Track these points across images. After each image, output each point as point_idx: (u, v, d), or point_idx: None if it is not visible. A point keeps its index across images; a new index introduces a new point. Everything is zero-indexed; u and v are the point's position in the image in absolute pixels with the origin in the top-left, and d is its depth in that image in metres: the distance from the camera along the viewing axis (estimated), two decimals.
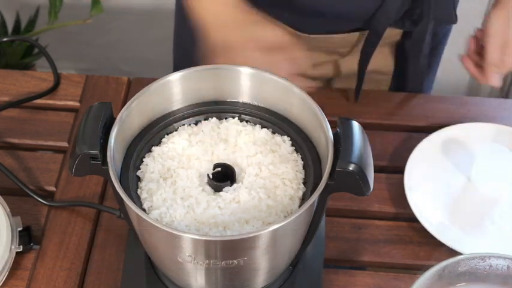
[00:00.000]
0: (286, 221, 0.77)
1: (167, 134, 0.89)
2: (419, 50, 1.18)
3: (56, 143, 1.13)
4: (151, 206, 0.82)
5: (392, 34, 1.17)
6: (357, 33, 1.15)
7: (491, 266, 0.82)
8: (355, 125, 0.82)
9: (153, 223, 0.76)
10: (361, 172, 0.79)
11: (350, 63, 1.19)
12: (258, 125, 0.89)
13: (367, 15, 1.11)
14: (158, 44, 1.87)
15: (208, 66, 0.88)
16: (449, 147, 1.10)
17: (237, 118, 0.90)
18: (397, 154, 1.11)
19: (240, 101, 0.90)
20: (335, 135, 0.82)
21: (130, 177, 0.83)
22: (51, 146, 1.13)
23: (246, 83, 0.89)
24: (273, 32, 1.03)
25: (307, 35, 1.14)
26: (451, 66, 2.00)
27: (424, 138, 1.10)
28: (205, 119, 0.90)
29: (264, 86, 0.88)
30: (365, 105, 1.17)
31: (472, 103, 1.18)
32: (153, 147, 0.87)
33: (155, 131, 0.88)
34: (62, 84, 1.19)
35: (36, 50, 1.90)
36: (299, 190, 0.84)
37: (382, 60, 1.21)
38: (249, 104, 0.90)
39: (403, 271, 1.00)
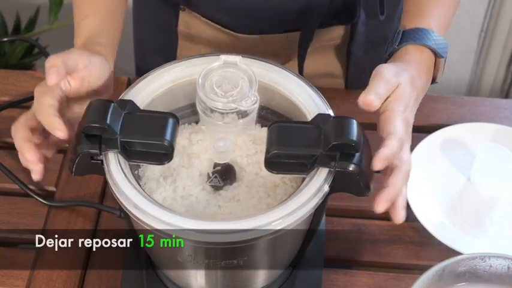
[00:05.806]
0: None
1: None
2: (361, 46, 1.15)
3: None
4: None
5: (334, 36, 1.15)
6: (294, 33, 1.11)
7: (491, 266, 0.82)
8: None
9: (153, 223, 0.76)
10: (361, 173, 0.78)
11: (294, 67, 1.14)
12: (258, 124, 0.89)
13: (294, 15, 1.08)
14: None
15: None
16: (449, 147, 1.10)
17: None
18: None
19: None
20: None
21: None
22: None
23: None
24: (211, 33, 1.01)
25: (244, 35, 1.11)
26: (451, 66, 2.00)
27: (424, 138, 1.10)
28: None
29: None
30: None
31: (472, 103, 1.18)
32: None
33: None
34: None
35: (36, 50, 1.90)
36: None
37: (329, 63, 1.18)
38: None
39: (403, 271, 0.99)
